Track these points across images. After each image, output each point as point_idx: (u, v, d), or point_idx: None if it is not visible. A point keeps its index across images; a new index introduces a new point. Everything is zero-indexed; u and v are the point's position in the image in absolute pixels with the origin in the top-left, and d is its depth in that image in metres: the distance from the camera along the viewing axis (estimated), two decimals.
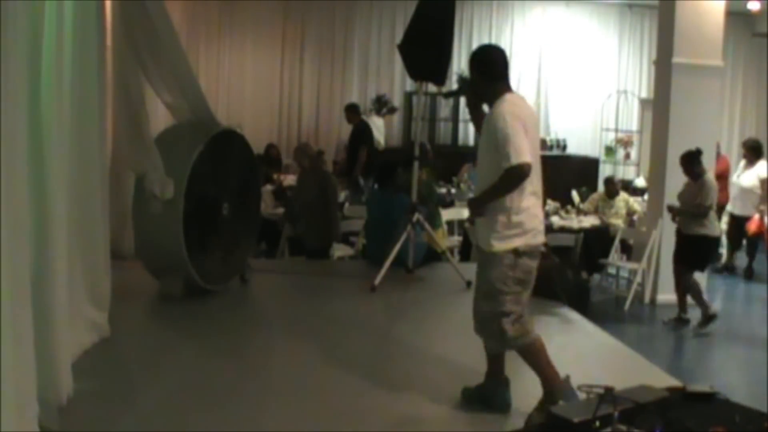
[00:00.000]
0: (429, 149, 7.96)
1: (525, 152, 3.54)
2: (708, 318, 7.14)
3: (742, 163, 9.69)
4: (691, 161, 7.15)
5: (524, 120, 3.64)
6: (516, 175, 3.57)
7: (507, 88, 3.78)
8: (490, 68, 3.80)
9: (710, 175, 7.11)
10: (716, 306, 7.36)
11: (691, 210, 6.99)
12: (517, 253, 3.66)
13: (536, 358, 3.77)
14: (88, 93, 4.37)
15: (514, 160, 3.53)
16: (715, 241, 7.22)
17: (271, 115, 12.52)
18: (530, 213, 3.69)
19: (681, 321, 7.27)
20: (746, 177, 9.37)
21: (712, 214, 7.09)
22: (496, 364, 3.95)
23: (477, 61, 3.86)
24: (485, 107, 3.89)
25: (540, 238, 3.78)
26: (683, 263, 7.22)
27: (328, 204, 7.36)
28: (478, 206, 3.74)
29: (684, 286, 7.24)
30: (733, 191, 9.65)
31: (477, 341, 5.45)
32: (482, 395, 3.96)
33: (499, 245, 3.66)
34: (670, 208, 7.28)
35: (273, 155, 11.04)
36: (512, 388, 4.37)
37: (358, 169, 9.84)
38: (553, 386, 3.67)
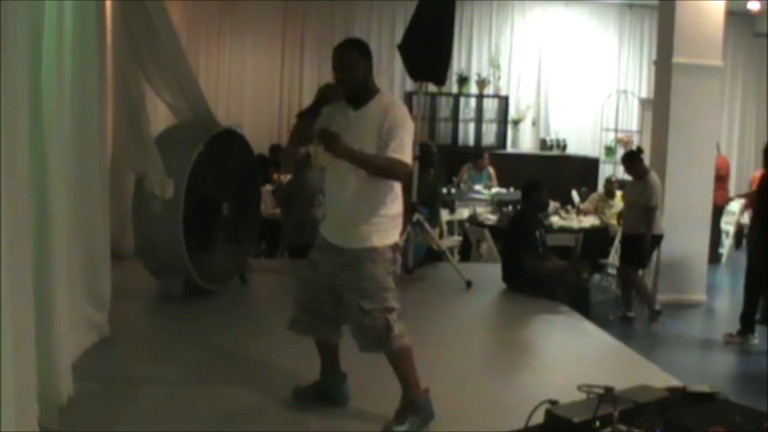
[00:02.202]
0: (435, 151, 7.94)
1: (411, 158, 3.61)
2: (656, 313, 7.30)
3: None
4: (633, 160, 7.33)
5: None
6: (402, 171, 3.52)
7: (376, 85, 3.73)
8: (371, 61, 3.65)
9: (654, 174, 7.24)
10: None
11: (644, 211, 7.15)
12: (395, 247, 3.63)
13: (407, 362, 3.63)
14: (88, 93, 4.37)
15: (408, 159, 3.53)
16: (659, 239, 7.44)
17: (271, 115, 12.51)
18: (400, 209, 3.66)
19: (627, 318, 7.40)
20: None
21: (657, 212, 7.26)
22: (331, 357, 3.88)
23: (367, 52, 3.61)
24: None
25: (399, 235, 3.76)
26: (629, 263, 7.40)
27: (303, 203, 7.25)
28: (348, 153, 3.37)
29: (635, 284, 7.42)
30: None
31: (477, 340, 5.48)
32: (319, 390, 3.89)
33: (382, 240, 3.54)
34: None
35: (276, 155, 11.03)
36: (511, 386, 4.38)
37: None
38: (416, 396, 3.60)
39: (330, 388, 3.90)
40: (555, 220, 8.25)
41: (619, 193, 9.22)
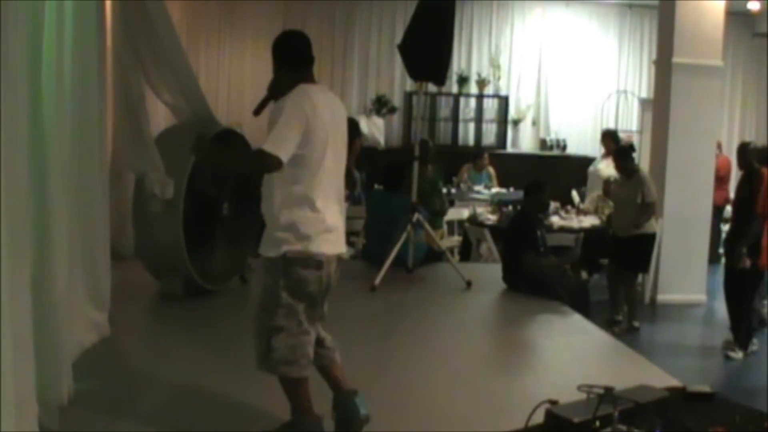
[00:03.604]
0: (431, 146, 7.94)
1: (284, 149, 3.17)
2: (633, 329, 7.21)
3: (602, 151, 9.58)
4: (627, 156, 7.26)
5: (311, 114, 3.26)
6: (261, 162, 3.20)
7: (308, 78, 3.41)
8: (291, 56, 3.43)
9: (644, 170, 7.20)
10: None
11: (642, 210, 7.07)
12: (285, 260, 3.27)
13: (294, 389, 3.39)
14: (88, 93, 4.38)
15: (269, 148, 3.15)
16: (653, 237, 7.41)
17: None
18: (305, 218, 3.28)
19: (632, 329, 7.26)
20: (603, 166, 9.22)
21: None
22: (329, 376, 3.59)
23: (277, 49, 3.45)
24: None
25: (325, 248, 3.34)
26: (629, 268, 7.31)
27: None
28: (207, 152, 3.47)
29: (631, 291, 7.34)
30: (591, 181, 9.56)
31: (477, 340, 5.48)
32: (334, 410, 3.56)
33: (272, 249, 3.29)
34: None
35: None
36: (511, 386, 4.37)
37: (352, 160, 9.82)
38: (302, 421, 3.40)
39: (343, 406, 3.57)
40: (555, 220, 8.25)
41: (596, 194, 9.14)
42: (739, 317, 6.63)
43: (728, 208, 9.91)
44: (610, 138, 9.50)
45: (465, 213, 8.84)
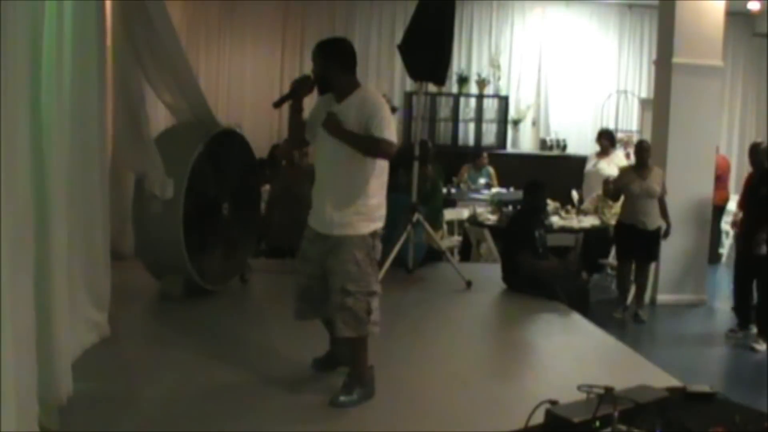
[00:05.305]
0: (430, 146, 7.93)
1: (395, 139, 3.86)
2: (640, 320, 7.39)
3: (595, 151, 9.66)
4: (648, 151, 7.42)
5: None
6: (386, 148, 3.79)
7: (357, 80, 3.96)
8: (350, 60, 3.95)
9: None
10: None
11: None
12: (375, 234, 3.88)
13: (364, 350, 3.96)
14: (88, 93, 4.37)
15: (393, 138, 3.81)
16: None
17: (271, 115, 12.48)
18: (381, 200, 3.92)
19: (639, 320, 7.41)
20: (605, 165, 9.31)
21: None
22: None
23: (337, 52, 3.95)
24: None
25: (381, 224, 3.97)
26: (652, 260, 7.51)
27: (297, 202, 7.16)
28: (340, 130, 3.77)
29: (646, 282, 7.51)
30: (591, 180, 9.57)
31: (477, 340, 5.48)
32: (332, 358, 4.28)
33: (365, 227, 3.83)
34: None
35: (277, 156, 11.02)
36: (511, 386, 4.38)
37: None
38: (364, 371, 3.97)
39: (341, 355, 4.17)
40: (555, 220, 8.25)
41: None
42: (760, 309, 6.69)
43: (731, 206, 9.91)
44: (606, 137, 9.50)
45: (465, 213, 8.84)
